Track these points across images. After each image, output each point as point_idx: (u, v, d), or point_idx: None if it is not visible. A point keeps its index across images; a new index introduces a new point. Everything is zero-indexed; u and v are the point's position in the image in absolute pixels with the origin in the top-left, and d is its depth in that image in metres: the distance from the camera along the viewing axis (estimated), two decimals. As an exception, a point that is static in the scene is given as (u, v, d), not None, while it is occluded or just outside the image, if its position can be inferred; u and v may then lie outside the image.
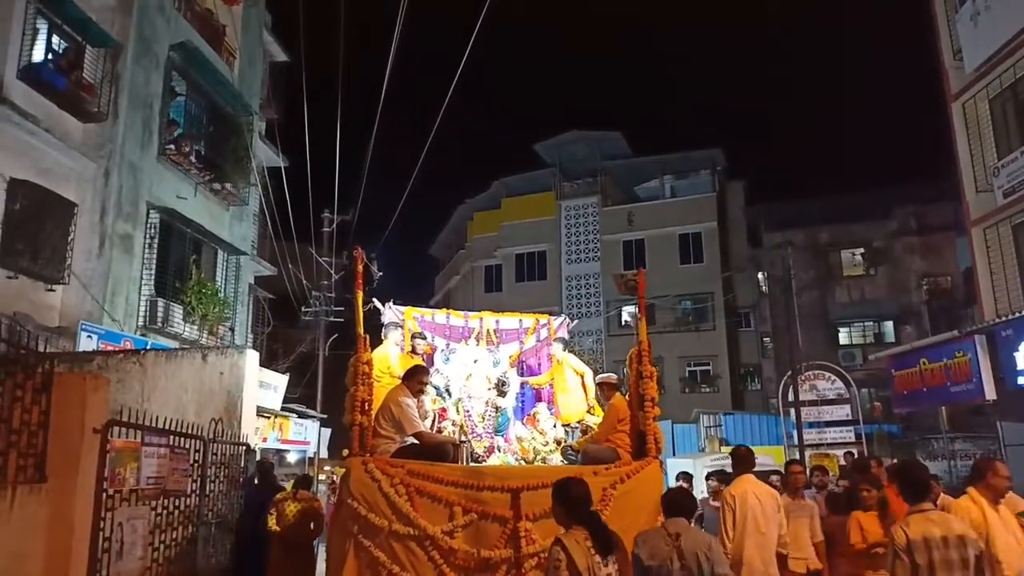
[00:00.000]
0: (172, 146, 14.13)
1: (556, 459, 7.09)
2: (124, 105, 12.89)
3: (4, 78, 10.83)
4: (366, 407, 6.10)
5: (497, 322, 8.36)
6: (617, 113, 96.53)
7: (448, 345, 8.04)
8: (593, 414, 7.61)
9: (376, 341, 7.30)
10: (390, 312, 7.96)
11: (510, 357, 8.19)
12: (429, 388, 7.06)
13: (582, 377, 7.91)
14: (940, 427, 18.93)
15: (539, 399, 8.13)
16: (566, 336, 8.45)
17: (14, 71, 11.03)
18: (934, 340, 15.96)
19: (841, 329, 28.32)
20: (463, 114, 55.53)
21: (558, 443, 7.37)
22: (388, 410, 6.15)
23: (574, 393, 7.81)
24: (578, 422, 7.62)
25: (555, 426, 7.61)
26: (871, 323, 28.07)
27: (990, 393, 13.45)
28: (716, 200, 32.28)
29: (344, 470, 6.18)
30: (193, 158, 14.68)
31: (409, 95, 37.82)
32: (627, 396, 6.89)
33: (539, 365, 8.42)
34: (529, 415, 7.86)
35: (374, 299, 7.83)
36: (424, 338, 7.73)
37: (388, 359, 7.27)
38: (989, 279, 15.50)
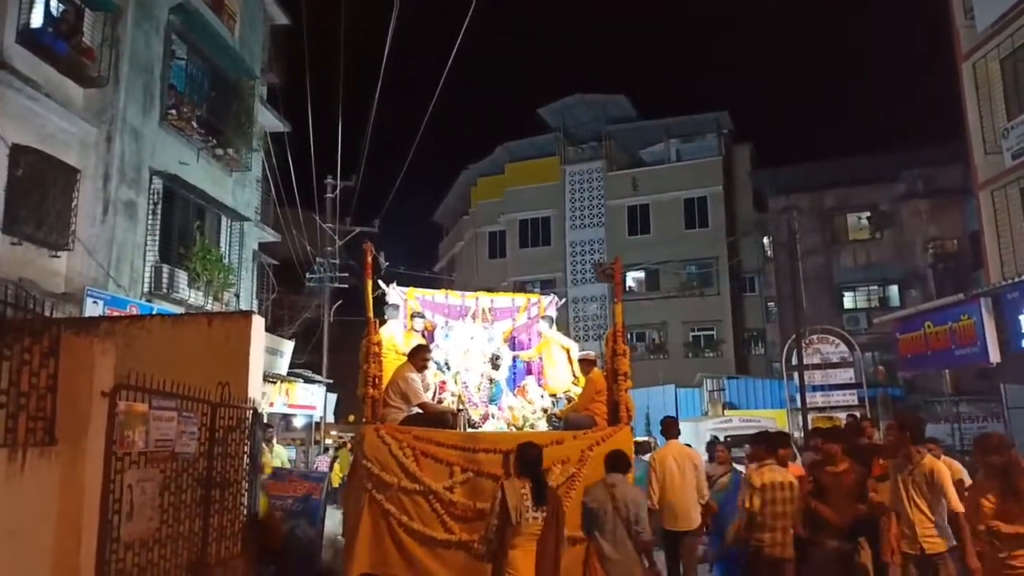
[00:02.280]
0: (174, 111, 14.04)
1: (543, 425, 7.92)
2: (125, 70, 12.79)
3: (4, 43, 10.73)
4: (377, 382, 7.06)
5: (491, 301, 9.18)
6: (622, 76, 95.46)
7: (447, 323, 8.83)
8: (577, 385, 8.33)
9: (383, 321, 8.22)
10: (394, 293, 8.71)
11: (503, 333, 8.97)
12: (431, 363, 7.85)
13: (567, 352, 8.71)
14: (943, 390, 18.99)
15: (529, 372, 8.93)
16: (554, 314, 9.22)
17: (13, 35, 10.92)
18: (940, 303, 15.91)
19: (846, 293, 28.25)
20: (467, 78, 55.00)
21: (545, 411, 8.18)
22: (396, 384, 7.04)
23: (560, 367, 8.62)
24: (563, 393, 8.44)
25: (542, 396, 8.38)
26: (876, 287, 27.98)
27: (995, 356, 13.43)
28: (722, 164, 32.02)
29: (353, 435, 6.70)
30: (195, 123, 14.59)
31: (413, 60, 37.45)
32: (604, 371, 7.78)
33: (529, 341, 9.20)
34: (520, 386, 8.59)
35: (381, 281, 8.51)
36: (423, 317, 8.63)
37: (393, 337, 8.10)
38: (996, 242, 15.43)
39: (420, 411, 7.08)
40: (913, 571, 5.45)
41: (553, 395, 8.44)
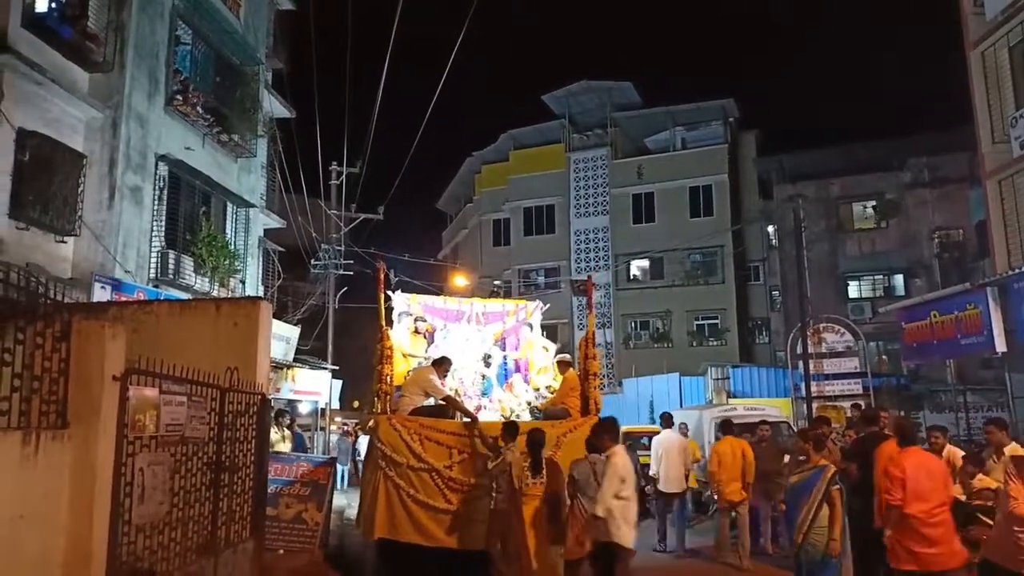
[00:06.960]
0: (179, 96, 13.97)
1: (526, 416, 9.16)
2: (130, 55, 12.75)
3: (9, 27, 10.68)
4: (389, 379, 8.44)
5: (484, 306, 10.59)
6: (628, 62, 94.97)
7: (445, 325, 10.07)
8: (556, 381, 9.60)
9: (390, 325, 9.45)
10: (399, 300, 9.92)
11: (494, 335, 10.27)
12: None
13: (547, 351, 10.10)
14: (947, 380, 18.97)
15: (516, 369, 10.17)
16: (539, 319, 10.58)
17: (18, 19, 10.86)
18: (946, 292, 15.88)
19: (851, 282, 28.17)
20: (472, 65, 54.78)
21: (528, 404, 9.50)
22: (419, 382, 8.43)
23: (543, 366, 9.98)
24: (544, 388, 9.75)
25: (527, 391, 9.72)
26: (881, 276, 27.90)
27: (1000, 345, 13.42)
28: (727, 151, 31.86)
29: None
30: (200, 108, 14.53)
31: (418, 45, 37.26)
32: (578, 371, 9.13)
33: (518, 342, 10.45)
34: (508, 383, 9.89)
35: (388, 291, 9.52)
36: (425, 320, 9.97)
37: (400, 341, 9.37)
38: (1003, 231, 15.36)
39: (427, 403, 8.42)
40: None
41: (536, 389, 9.77)
